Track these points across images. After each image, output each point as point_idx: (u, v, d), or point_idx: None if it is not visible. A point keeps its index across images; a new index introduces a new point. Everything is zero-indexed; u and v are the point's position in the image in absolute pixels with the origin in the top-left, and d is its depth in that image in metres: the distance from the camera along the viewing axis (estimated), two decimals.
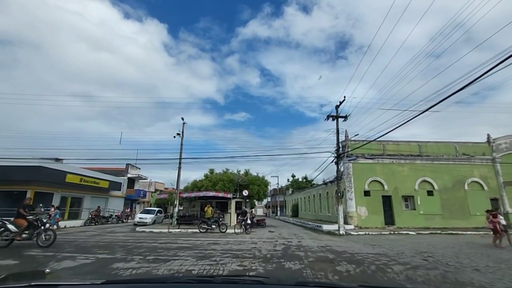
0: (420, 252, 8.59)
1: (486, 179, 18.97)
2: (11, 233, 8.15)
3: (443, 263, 6.83)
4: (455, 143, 19.89)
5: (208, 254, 7.49)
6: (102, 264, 5.96)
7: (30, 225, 8.35)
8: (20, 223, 8.28)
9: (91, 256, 6.77)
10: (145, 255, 7.07)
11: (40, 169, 17.45)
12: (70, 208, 21.90)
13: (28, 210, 8.60)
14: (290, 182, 45.71)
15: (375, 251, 8.69)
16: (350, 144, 18.51)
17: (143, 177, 36.30)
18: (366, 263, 6.61)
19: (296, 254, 7.81)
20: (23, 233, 8.25)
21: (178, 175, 19.10)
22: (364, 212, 17.89)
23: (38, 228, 8.44)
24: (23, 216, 8.39)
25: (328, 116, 17.15)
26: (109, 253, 7.23)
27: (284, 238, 12.54)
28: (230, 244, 9.75)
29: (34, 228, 8.43)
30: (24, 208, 8.55)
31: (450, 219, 17.96)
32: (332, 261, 6.78)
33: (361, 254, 7.96)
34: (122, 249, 8.01)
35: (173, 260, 6.47)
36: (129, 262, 6.19)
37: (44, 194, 18.91)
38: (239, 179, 21.36)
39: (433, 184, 18.68)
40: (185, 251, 7.95)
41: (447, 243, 10.98)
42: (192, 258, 6.82)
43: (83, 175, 21.75)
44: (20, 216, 8.42)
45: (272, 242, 10.60)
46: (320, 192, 26.10)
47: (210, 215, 16.10)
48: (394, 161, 19.07)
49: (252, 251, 8.13)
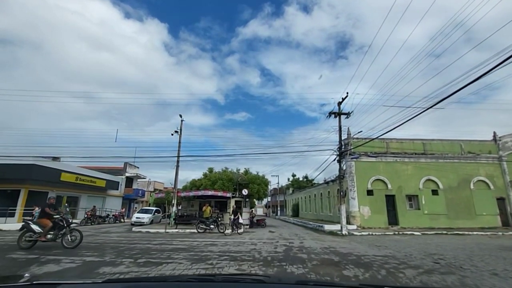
0: (429, 254, 8.10)
1: (492, 178, 18.46)
2: (35, 233, 7.79)
3: (457, 267, 6.34)
4: (461, 141, 19.38)
5: (204, 256, 6.99)
6: (88, 268, 5.47)
7: (55, 226, 8.03)
8: (45, 223, 7.93)
9: (78, 259, 6.27)
10: (137, 257, 6.58)
11: (34, 168, 16.98)
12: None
13: (51, 210, 8.29)
14: (290, 182, 45.23)
15: (381, 253, 8.20)
16: (352, 142, 18.00)
17: (141, 176, 35.81)
18: (375, 266, 6.12)
19: (299, 256, 7.32)
20: (48, 233, 7.93)
21: (176, 174, 18.62)
22: (367, 212, 17.39)
23: (63, 228, 8.13)
24: (48, 216, 8.07)
25: (330, 113, 16.65)
26: (98, 256, 6.73)
27: (285, 238, 12.05)
28: (228, 246, 9.26)
29: (59, 229, 8.12)
30: (49, 208, 8.23)
31: (455, 219, 17.47)
32: (337, 265, 6.29)
33: (367, 256, 7.47)
34: (113, 251, 7.52)
35: (166, 263, 5.98)
36: (117, 266, 5.70)
37: (39, 193, 18.45)
38: (239, 178, 20.87)
39: (438, 183, 18.17)
40: (180, 253, 7.46)
41: (456, 244, 10.49)
42: (186, 261, 6.32)
43: (79, 174, 21.28)
44: (45, 215, 8.09)
45: (273, 243, 10.11)
46: (321, 192, 25.61)
47: (209, 214, 15.61)
48: (398, 159, 18.56)
49: (252, 253, 7.63)
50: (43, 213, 8.17)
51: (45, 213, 8.10)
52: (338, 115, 16.40)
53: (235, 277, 1.47)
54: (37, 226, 7.92)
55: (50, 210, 8.13)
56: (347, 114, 16.38)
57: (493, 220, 17.52)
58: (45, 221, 7.98)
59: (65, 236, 8.06)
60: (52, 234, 8.01)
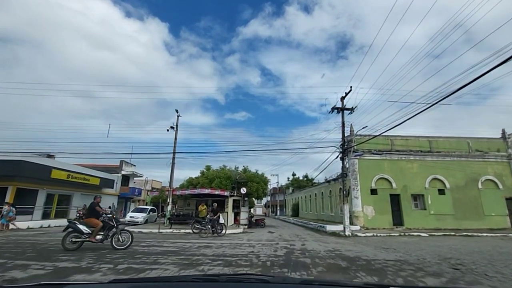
0: (445, 258, 7.35)
1: (501, 177, 17.71)
2: (83, 234, 7.39)
3: (481, 274, 5.59)
4: (468, 139, 18.62)
5: (195, 260, 6.22)
6: (57, 276, 4.68)
7: (105, 226, 7.68)
8: (94, 223, 7.55)
9: (49, 265, 5.48)
10: (118, 262, 5.79)
11: (22, 164, 16.14)
12: (58, 206, 20.59)
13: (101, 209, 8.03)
14: (290, 181, 44.43)
15: (392, 256, 7.45)
16: (355, 139, 17.22)
17: (138, 175, 34.98)
18: (389, 273, 5.35)
19: (302, 261, 6.55)
20: (98, 234, 7.56)
21: (172, 171, 17.84)
22: (371, 212, 16.63)
23: (112, 228, 7.76)
24: (97, 215, 7.75)
25: (333, 108, 15.88)
26: (75, 260, 5.94)
27: (286, 240, 11.29)
28: (223, 248, 8.49)
29: (109, 229, 7.75)
30: (98, 207, 7.96)
31: (462, 219, 16.72)
32: (346, 271, 5.52)
33: (378, 261, 6.70)
34: (94, 254, 6.73)
35: (150, 270, 5.20)
36: (93, 273, 4.92)
37: (28, 190, 17.62)
38: (237, 176, 20.08)
39: (444, 182, 17.41)
40: (169, 256, 6.67)
41: (470, 247, 9.74)
42: (174, 266, 5.54)
43: (71, 171, 20.45)
44: (93, 215, 7.73)
45: (273, 245, 9.35)
46: (323, 191, 24.84)
47: (205, 214, 14.82)
48: (403, 157, 17.79)
49: (249, 257, 6.86)
50: (92, 212, 7.78)
51: (94, 212, 7.75)
52: (341, 111, 15.64)
53: (240, 277, 1.51)
54: (85, 226, 7.49)
55: (100, 208, 7.87)
56: (350, 109, 15.61)
57: (502, 221, 16.77)
58: (94, 220, 7.59)
59: (115, 236, 7.70)
60: (103, 235, 7.67)
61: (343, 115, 15.62)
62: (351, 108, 15.58)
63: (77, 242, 7.38)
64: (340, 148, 15.54)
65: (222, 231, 12.89)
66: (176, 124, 18.69)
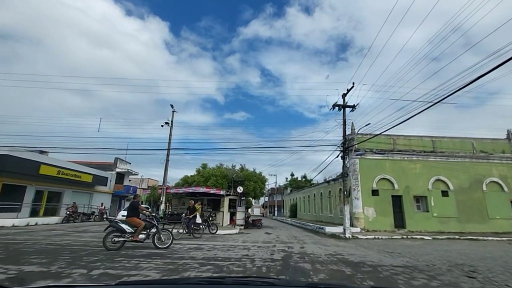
0: (456, 264, 6.74)
1: (506, 179, 17.15)
2: (126, 233, 7.18)
3: (501, 285, 4.97)
4: (472, 139, 18.08)
5: (182, 265, 5.55)
6: (19, 282, 4.02)
7: (146, 225, 7.55)
8: (136, 223, 7.40)
9: (14, 268, 4.80)
10: (93, 267, 5.11)
11: (7, 158, 15.41)
12: (47, 204, 19.83)
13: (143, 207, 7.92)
14: (288, 181, 43.79)
15: (398, 262, 6.83)
16: (357, 137, 16.62)
17: (133, 172, 34.21)
18: (401, 282, 4.71)
19: (301, 266, 5.91)
20: (141, 233, 7.41)
21: (166, 169, 17.14)
22: (372, 213, 16.02)
23: (153, 227, 7.66)
24: (138, 214, 7.59)
25: (334, 105, 15.28)
26: (45, 264, 5.26)
27: (283, 242, 10.64)
28: (216, 250, 7.82)
29: (150, 228, 7.67)
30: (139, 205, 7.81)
31: (466, 222, 16.16)
32: (351, 279, 4.88)
33: (385, 267, 6.08)
34: (69, 257, 6.04)
35: (127, 276, 4.54)
36: (61, 279, 4.25)
37: (15, 186, 16.89)
38: (234, 175, 19.42)
39: (448, 183, 16.84)
40: (153, 260, 6.00)
41: (479, 251, 9.14)
42: (155, 272, 4.87)
43: (61, 167, 19.70)
44: (135, 214, 7.54)
45: (269, 248, 8.70)
46: (322, 191, 24.23)
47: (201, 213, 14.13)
48: (406, 157, 17.20)
49: (243, 261, 6.21)
50: (133, 211, 7.57)
51: (136, 211, 7.57)
52: (343, 108, 15.04)
53: (245, 280, 1.54)
54: (127, 225, 7.30)
55: (143, 207, 7.70)
56: (352, 106, 15.03)
57: (507, 225, 16.20)
58: (136, 220, 7.45)
59: (157, 235, 7.56)
60: (145, 234, 7.59)
61: (345, 112, 15.02)
62: (353, 106, 15.01)
63: (119, 241, 7.13)
64: (341, 147, 14.95)
65: (198, 234, 11.62)
66: (171, 120, 18.00)
